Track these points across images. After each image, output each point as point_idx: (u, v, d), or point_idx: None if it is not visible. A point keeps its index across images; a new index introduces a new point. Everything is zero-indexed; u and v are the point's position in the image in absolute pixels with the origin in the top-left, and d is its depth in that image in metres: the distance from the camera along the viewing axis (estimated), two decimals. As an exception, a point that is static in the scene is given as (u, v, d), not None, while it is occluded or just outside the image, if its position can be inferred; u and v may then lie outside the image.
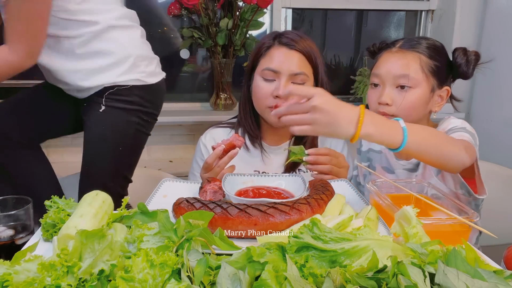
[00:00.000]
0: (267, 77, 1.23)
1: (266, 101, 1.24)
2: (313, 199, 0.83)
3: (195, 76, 2.53)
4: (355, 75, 2.44)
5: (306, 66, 1.25)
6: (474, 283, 0.52)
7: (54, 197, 0.84)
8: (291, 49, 1.23)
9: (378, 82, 1.20)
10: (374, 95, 1.21)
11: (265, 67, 1.23)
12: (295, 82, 1.23)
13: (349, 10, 2.65)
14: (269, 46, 1.25)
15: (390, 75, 1.16)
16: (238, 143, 1.11)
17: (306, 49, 1.24)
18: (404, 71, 1.14)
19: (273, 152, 1.36)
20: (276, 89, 1.21)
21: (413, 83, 1.14)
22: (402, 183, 0.96)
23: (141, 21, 1.49)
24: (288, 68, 1.21)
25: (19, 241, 0.83)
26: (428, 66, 1.15)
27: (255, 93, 1.27)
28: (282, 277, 0.55)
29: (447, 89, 1.20)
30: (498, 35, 2.22)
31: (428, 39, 1.21)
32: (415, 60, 1.15)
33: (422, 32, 2.61)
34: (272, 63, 1.23)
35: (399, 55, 1.17)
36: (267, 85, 1.23)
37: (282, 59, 1.22)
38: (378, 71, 1.20)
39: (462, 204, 0.87)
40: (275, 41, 1.25)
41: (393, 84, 1.16)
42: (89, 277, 0.57)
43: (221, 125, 1.43)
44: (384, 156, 1.33)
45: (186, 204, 0.79)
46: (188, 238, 0.64)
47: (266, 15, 2.37)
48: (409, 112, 1.16)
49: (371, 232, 0.67)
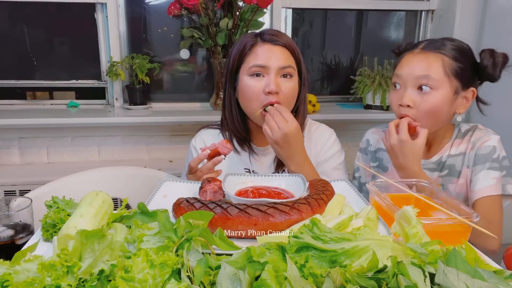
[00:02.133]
0: (255, 74, 1.22)
1: (258, 99, 1.21)
2: (313, 199, 0.83)
3: (195, 76, 2.53)
4: (355, 75, 2.44)
5: (291, 60, 1.25)
6: (474, 283, 0.52)
7: (54, 197, 0.84)
8: (275, 44, 1.22)
9: (400, 83, 1.19)
10: (396, 96, 1.19)
11: (252, 65, 1.21)
12: (283, 76, 1.22)
13: (349, 10, 2.65)
14: (253, 44, 1.24)
15: (411, 76, 1.15)
16: (224, 151, 1.10)
17: (288, 43, 1.24)
18: (425, 72, 1.13)
19: (262, 153, 1.35)
20: (267, 85, 1.19)
21: (434, 84, 1.12)
22: (402, 183, 0.96)
23: (141, 21, 1.49)
24: (275, 62, 1.20)
25: (19, 241, 0.83)
26: (451, 68, 1.13)
27: (244, 93, 1.24)
28: (282, 277, 0.55)
29: (472, 90, 1.18)
30: (498, 35, 2.22)
31: (454, 40, 1.18)
32: (437, 61, 1.13)
33: (422, 32, 2.62)
34: (259, 59, 1.21)
35: (422, 56, 1.16)
36: (257, 83, 1.21)
37: (269, 55, 1.21)
38: (400, 72, 1.18)
39: (462, 204, 0.86)
40: (258, 38, 1.24)
41: (414, 86, 1.15)
42: (89, 277, 0.57)
43: (211, 126, 1.41)
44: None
45: (186, 204, 0.79)
46: (188, 238, 0.64)
47: (266, 15, 2.37)
48: (430, 114, 1.14)
49: (371, 232, 0.67)
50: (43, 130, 2.24)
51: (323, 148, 1.35)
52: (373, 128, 1.43)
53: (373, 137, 1.41)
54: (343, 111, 2.44)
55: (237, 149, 1.33)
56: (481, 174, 1.17)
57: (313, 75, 2.73)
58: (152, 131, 2.35)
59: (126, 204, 0.83)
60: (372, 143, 1.40)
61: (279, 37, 1.24)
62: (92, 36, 2.33)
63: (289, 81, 1.23)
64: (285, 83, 1.22)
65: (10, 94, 2.35)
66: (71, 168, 1.59)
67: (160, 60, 2.42)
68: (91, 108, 2.41)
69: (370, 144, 1.41)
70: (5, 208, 0.88)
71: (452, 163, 1.22)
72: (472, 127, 1.26)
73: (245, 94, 1.24)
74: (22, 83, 2.35)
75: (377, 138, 1.39)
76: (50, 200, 0.84)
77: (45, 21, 2.37)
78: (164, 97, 2.51)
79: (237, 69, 1.26)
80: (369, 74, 2.37)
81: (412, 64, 1.16)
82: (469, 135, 1.24)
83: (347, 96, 2.62)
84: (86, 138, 2.30)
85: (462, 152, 1.22)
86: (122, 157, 2.36)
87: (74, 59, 2.44)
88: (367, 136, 1.43)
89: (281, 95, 1.21)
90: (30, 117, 2.11)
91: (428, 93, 1.13)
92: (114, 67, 2.23)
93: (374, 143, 1.40)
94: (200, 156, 1.11)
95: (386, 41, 2.75)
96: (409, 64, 1.17)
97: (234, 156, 1.33)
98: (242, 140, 1.33)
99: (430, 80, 1.12)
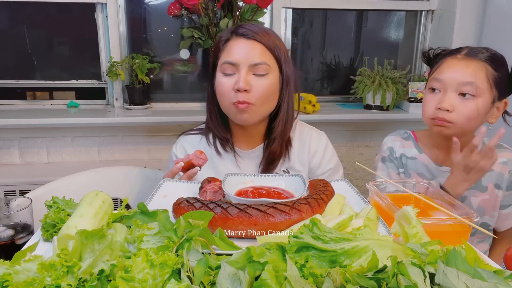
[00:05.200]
0: (226, 72, 1.15)
1: (229, 96, 1.15)
2: (313, 199, 0.83)
3: (195, 76, 2.53)
4: (355, 75, 2.44)
5: (268, 57, 1.16)
6: (474, 283, 0.52)
7: (54, 197, 0.84)
8: (249, 39, 1.15)
9: (439, 87, 1.18)
10: (434, 99, 1.18)
11: (224, 61, 1.15)
12: (256, 73, 1.14)
13: (349, 10, 2.65)
14: (227, 39, 1.18)
15: (454, 81, 1.14)
16: (198, 162, 1.05)
17: (266, 39, 1.16)
18: (470, 79, 1.12)
19: (247, 156, 1.28)
20: (237, 82, 1.13)
21: (478, 92, 1.12)
22: (402, 183, 0.96)
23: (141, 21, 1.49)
24: (246, 59, 1.13)
25: (19, 241, 0.83)
26: (493, 77, 1.14)
27: (218, 90, 1.18)
28: (282, 277, 0.55)
29: (505, 102, 1.20)
30: (498, 35, 2.22)
31: (490, 49, 1.18)
32: (481, 69, 1.13)
33: (422, 32, 2.62)
34: (230, 56, 1.15)
35: (466, 62, 1.15)
36: (228, 80, 1.15)
37: (241, 51, 1.14)
38: (441, 76, 1.17)
39: (462, 204, 0.87)
40: (233, 34, 1.18)
41: (455, 91, 1.15)
42: (89, 277, 0.57)
43: (191, 132, 1.35)
44: (419, 163, 1.30)
45: (186, 204, 0.79)
46: (188, 238, 0.64)
47: (266, 15, 2.37)
48: (467, 120, 1.15)
49: (371, 232, 0.67)
50: (43, 130, 2.24)
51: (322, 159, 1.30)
52: (391, 136, 1.39)
53: (395, 143, 1.36)
54: (343, 111, 2.44)
55: (220, 152, 1.28)
56: None
57: (313, 75, 2.73)
58: (152, 131, 2.35)
59: (126, 204, 0.83)
60: (396, 149, 1.36)
61: (256, 33, 1.16)
62: (92, 36, 2.33)
63: (263, 79, 1.15)
64: (257, 81, 1.14)
65: (10, 94, 2.35)
66: (71, 168, 1.59)
67: (160, 60, 2.42)
68: (91, 108, 2.41)
69: (394, 151, 1.36)
70: (5, 208, 0.88)
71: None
72: (498, 145, 1.24)
73: (218, 92, 1.19)
74: (22, 83, 2.35)
75: (399, 145, 1.35)
76: (50, 200, 0.84)
77: (45, 21, 2.37)
78: (164, 97, 2.51)
79: (214, 66, 1.21)
80: (369, 74, 2.37)
81: (455, 69, 1.15)
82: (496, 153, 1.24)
83: (347, 96, 2.62)
84: (86, 138, 2.30)
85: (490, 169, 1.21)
86: (122, 157, 2.36)
87: (74, 59, 2.44)
88: (388, 144, 1.38)
89: (253, 94, 1.14)
90: (30, 117, 2.11)
91: (470, 99, 1.13)
92: (114, 67, 2.23)
93: (398, 148, 1.35)
94: (173, 170, 1.06)
95: (386, 41, 2.75)
96: (451, 69, 1.16)
97: (217, 160, 1.27)
98: (224, 141, 1.27)
99: (473, 87, 1.12)
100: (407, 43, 2.70)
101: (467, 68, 1.13)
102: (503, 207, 1.24)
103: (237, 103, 1.13)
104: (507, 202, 1.24)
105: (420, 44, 2.63)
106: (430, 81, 1.21)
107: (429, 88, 1.21)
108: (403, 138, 1.36)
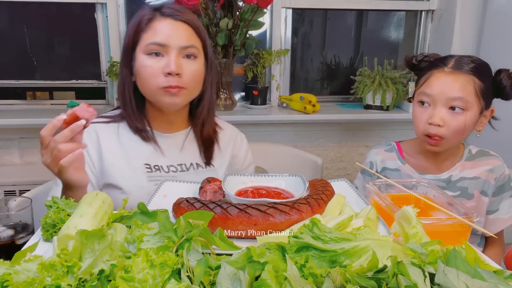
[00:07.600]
0: (152, 53, 1.08)
1: (157, 80, 1.08)
2: (313, 199, 0.83)
3: (195, 76, 2.53)
4: (355, 75, 2.44)
5: (195, 39, 1.12)
6: (474, 283, 0.52)
7: (54, 197, 0.84)
8: (176, 20, 1.10)
9: (428, 101, 1.18)
10: (424, 114, 1.18)
11: (149, 42, 1.08)
12: (186, 56, 1.10)
13: (349, 10, 2.65)
14: (150, 18, 1.10)
15: (443, 96, 1.14)
16: (85, 115, 0.88)
17: (192, 19, 1.12)
18: (459, 94, 1.12)
19: (167, 142, 1.20)
20: (167, 65, 1.06)
21: (467, 106, 1.13)
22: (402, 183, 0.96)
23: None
24: (176, 41, 1.07)
25: (19, 241, 0.83)
26: (480, 88, 1.14)
27: (141, 73, 1.09)
28: (282, 277, 0.55)
29: (492, 109, 1.21)
30: (498, 35, 2.22)
31: (473, 58, 1.18)
32: (469, 83, 1.13)
33: (422, 32, 2.62)
34: (158, 36, 1.07)
35: (454, 77, 1.14)
36: (155, 62, 1.08)
37: (169, 32, 1.08)
38: (430, 91, 1.16)
39: (462, 204, 0.87)
40: (157, 12, 1.10)
41: (445, 105, 1.15)
42: (89, 277, 0.57)
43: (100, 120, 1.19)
44: (403, 174, 1.30)
45: (186, 204, 0.79)
46: (188, 238, 0.64)
47: (266, 15, 2.37)
48: (458, 133, 1.15)
49: (371, 232, 0.67)
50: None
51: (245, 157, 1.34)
52: (374, 149, 1.39)
53: (377, 158, 1.36)
54: (343, 111, 2.44)
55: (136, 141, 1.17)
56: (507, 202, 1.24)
57: (313, 75, 2.73)
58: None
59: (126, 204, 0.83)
60: (377, 162, 1.36)
61: (182, 13, 1.11)
62: (92, 36, 2.33)
63: (192, 63, 1.11)
64: (188, 64, 1.09)
65: (10, 94, 2.35)
66: (71, 168, 1.58)
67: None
68: (91, 108, 2.41)
69: (375, 165, 1.36)
70: (5, 208, 0.88)
71: (465, 185, 1.23)
72: (484, 152, 1.27)
73: (142, 75, 1.10)
74: (22, 83, 2.35)
75: (381, 159, 1.35)
76: (50, 200, 0.84)
77: (45, 21, 2.38)
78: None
79: (133, 46, 1.12)
80: (369, 74, 2.37)
81: (444, 84, 1.15)
82: (482, 160, 1.25)
83: (347, 96, 2.62)
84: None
85: (476, 177, 1.23)
86: (122, 157, 2.35)
87: (74, 59, 2.44)
88: (369, 158, 1.38)
89: (184, 78, 1.09)
90: (30, 117, 2.11)
91: (460, 113, 1.14)
92: (114, 67, 2.23)
93: (379, 162, 1.35)
94: (54, 123, 0.88)
95: (386, 41, 2.75)
96: (440, 84, 1.15)
97: (133, 149, 1.17)
98: (140, 128, 1.17)
99: (463, 102, 1.12)
100: (407, 43, 2.70)
101: (456, 83, 1.13)
102: (490, 213, 1.25)
103: (169, 87, 1.08)
104: (493, 207, 1.24)
105: (420, 44, 2.63)
106: (418, 95, 1.20)
107: (419, 102, 1.21)
108: (385, 151, 1.35)
